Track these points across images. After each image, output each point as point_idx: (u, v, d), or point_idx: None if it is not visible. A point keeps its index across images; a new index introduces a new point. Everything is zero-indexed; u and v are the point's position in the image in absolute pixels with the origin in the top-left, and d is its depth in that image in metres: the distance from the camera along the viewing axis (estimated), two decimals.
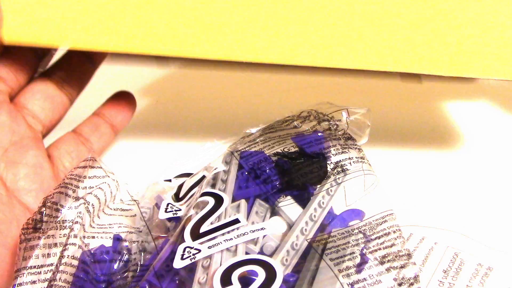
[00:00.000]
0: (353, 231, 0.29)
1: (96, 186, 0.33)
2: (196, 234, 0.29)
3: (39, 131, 0.36)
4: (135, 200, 0.36)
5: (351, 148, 0.36)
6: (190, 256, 0.27)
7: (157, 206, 0.36)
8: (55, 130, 0.38)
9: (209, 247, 0.28)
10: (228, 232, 0.29)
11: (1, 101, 0.34)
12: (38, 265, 0.28)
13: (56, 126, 0.38)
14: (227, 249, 0.28)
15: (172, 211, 0.34)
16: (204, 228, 0.29)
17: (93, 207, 0.32)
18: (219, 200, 0.32)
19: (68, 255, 0.28)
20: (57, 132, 0.38)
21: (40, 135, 0.36)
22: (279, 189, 0.33)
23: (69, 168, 0.36)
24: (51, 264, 0.28)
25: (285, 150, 0.37)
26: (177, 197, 0.36)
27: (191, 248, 0.28)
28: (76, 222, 0.30)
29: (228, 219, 0.30)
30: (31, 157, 0.34)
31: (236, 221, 0.30)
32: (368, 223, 0.29)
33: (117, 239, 0.32)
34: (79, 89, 0.38)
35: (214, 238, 0.28)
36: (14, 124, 0.34)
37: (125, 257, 0.31)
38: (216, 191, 0.32)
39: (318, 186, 0.33)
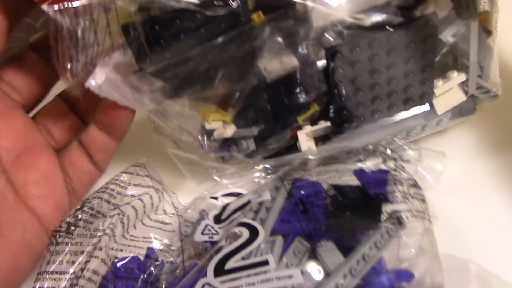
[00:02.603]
0: None
1: (137, 195, 0.33)
2: (220, 270, 0.27)
3: (52, 145, 0.35)
4: (178, 215, 0.35)
5: (413, 198, 0.32)
6: None
7: (199, 222, 0.35)
8: None
9: None
10: (256, 274, 0.27)
11: (15, 108, 0.34)
12: (61, 271, 0.28)
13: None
14: None
15: (209, 234, 0.32)
16: (230, 264, 0.27)
17: (128, 219, 0.31)
18: (254, 233, 0.30)
19: (89, 269, 0.28)
20: None
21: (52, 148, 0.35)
22: (322, 231, 0.30)
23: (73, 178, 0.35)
24: (74, 273, 0.28)
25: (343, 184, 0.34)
26: (218, 219, 0.34)
27: (211, 286, 0.26)
28: (106, 234, 0.29)
29: (257, 259, 0.28)
30: (43, 163, 0.33)
31: (265, 262, 0.27)
32: None
33: (147, 256, 0.31)
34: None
35: (237, 278, 0.26)
36: (29, 130, 0.34)
37: (151, 277, 0.30)
38: (253, 223, 0.30)
39: (367, 234, 0.30)
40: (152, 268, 0.31)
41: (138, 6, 0.28)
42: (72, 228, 0.30)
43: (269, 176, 0.38)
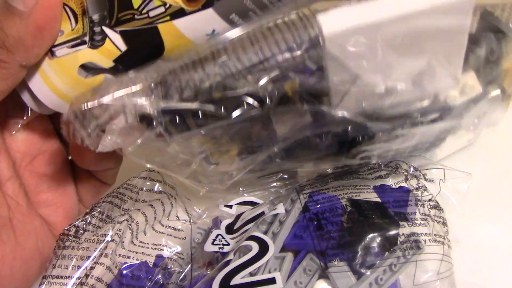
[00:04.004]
0: None
1: (148, 201, 0.32)
2: (225, 287, 0.26)
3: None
4: (191, 221, 0.34)
5: (434, 221, 0.30)
6: None
7: (211, 230, 0.34)
8: None
9: None
10: None
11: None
12: (65, 276, 0.27)
13: None
14: None
15: (220, 244, 0.32)
16: (236, 280, 0.27)
17: (138, 225, 0.30)
18: (264, 248, 0.29)
19: (93, 276, 0.27)
20: None
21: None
22: (335, 249, 0.29)
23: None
24: (78, 278, 0.27)
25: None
26: (231, 229, 0.34)
27: None
28: (112, 240, 0.28)
29: (264, 276, 0.27)
30: (56, 170, 0.33)
31: (272, 281, 0.26)
32: None
33: (156, 264, 0.30)
34: None
35: None
36: (45, 134, 0.33)
37: (157, 285, 0.29)
38: (264, 237, 0.29)
39: (382, 256, 0.29)
40: (159, 277, 0.30)
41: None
42: (81, 232, 0.29)
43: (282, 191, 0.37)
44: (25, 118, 0.31)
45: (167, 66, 0.28)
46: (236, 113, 0.27)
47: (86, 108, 0.26)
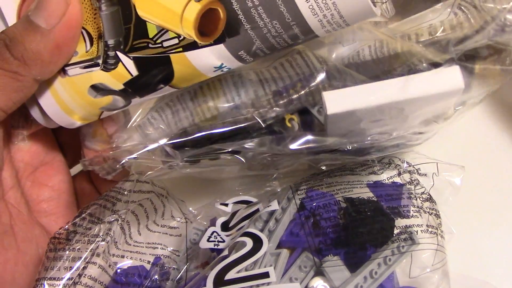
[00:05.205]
0: None
1: (137, 201, 0.32)
2: (219, 281, 0.26)
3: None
4: (186, 219, 0.34)
5: (427, 213, 0.30)
6: None
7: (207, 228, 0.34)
8: None
9: None
10: (256, 286, 0.26)
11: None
12: (58, 277, 0.27)
13: None
14: None
15: (215, 241, 0.32)
16: (231, 275, 0.27)
17: (129, 224, 0.30)
18: (258, 244, 0.28)
19: (86, 275, 0.27)
20: None
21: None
22: (329, 245, 0.29)
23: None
24: (71, 279, 0.27)
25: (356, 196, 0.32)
26: (226, 226, 0.33)
27: None
28: (103, 240, 0.28)
29: (258, 271, 0.27)
30: (58, 181, 0.33)
31: (266, 275, 0.26)
32: None
33: (153, 264, 0.30)
34: None
35: None
36: (48, 146, 0.34)
37: (154, 284, 0.29)
38: (258, 233, 0.29)
39: (377, 250, 0.29)
40: (156, 276, 0.30)
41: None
42: (72, 234, 0.29)
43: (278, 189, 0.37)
44: (29, 129, 0.32)
45: (181, 104, 0.31)
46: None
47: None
